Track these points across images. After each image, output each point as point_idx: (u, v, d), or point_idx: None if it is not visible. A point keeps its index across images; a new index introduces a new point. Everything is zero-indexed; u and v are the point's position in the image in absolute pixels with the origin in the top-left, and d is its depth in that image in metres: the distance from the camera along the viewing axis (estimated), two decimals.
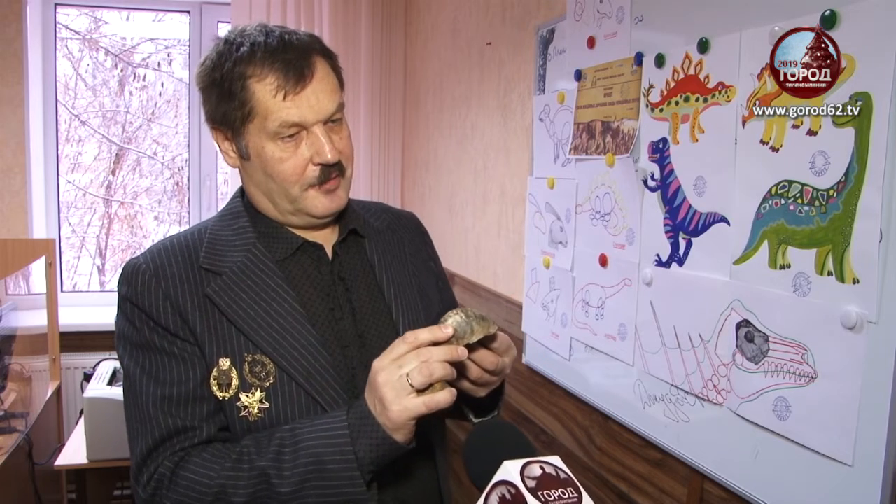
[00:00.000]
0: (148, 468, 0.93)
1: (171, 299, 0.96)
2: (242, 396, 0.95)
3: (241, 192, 1.10)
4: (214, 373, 0.95)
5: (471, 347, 0.92)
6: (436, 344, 0.87)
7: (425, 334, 0.87)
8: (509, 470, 0.75)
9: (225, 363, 0.95)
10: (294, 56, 0.96)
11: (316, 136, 0.97)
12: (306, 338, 0.97)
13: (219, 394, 0.95)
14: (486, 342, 0.94)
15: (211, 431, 0.95)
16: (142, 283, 0.97)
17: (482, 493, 0.77)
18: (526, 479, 0.74)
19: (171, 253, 1.00)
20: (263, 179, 1.00)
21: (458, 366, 0.92)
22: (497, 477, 0.76)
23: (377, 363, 0.88)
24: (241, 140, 1.00)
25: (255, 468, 0.89)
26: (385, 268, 1.10)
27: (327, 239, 1.08)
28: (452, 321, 0.89)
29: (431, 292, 1.17)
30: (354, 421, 0.89)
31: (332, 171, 1.00)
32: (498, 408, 1.13)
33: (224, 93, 0.97)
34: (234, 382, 0.95)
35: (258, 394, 0.95)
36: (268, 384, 0.95)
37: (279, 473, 0.88)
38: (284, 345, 0.96)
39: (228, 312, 0.96)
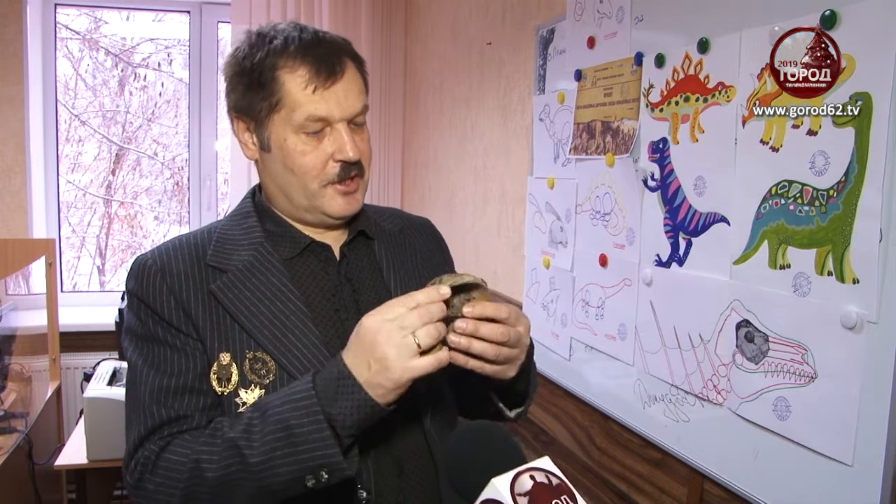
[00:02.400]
0: (137, 456, 0.93)
1: (175, 294, 0.97)
2: (241, 392, 0.95)
3: (252, 193, 1.10)
4: (214, 367, 0.96)
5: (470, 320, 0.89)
6: None
7: (422, 296, 0.86)
8: (498, 489, 0.69)
9: (225, 358, 0.96)
10: (326, 52, 0.97)
11: (339, 132, 0.98)
12: (308, 337, 0.97)
13: (218, 388, 0.95)
14: (487, 312, 0.90)
15: (202, 422, 0.95)
16: (147, 278, 0.98)
17: None
18: (518, 498, 0.71)
19: (179, 250, 1.01)
20: (282, 172, 1.01)
21: (476, 351, 0.89)
22: (485, 495, 0.70)
23: (369, 322, 0.86)
24: (263, 131, 1.00)
25: (227, 440, 0.89)
26: (394, 270, 1.10)
27: (336, 239, 1.08)
28: (442, 278, 0.88)
29: None
30: (329, 382, 0.86)
31: (352, 170, 1.00)
32: (530, 396, 1.09)
33: (253, 82, 0.98)
34: (234, 378, 0.95)
35: (257, 391, 0.95)
36: (267, 381, 0.95)
37: (249, 444, 0.87)
38: (286, 343, 0.96)
39: (231, 309, 0.97)
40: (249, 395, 0.95)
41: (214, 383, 0.96)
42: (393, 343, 0.83)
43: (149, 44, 3.67)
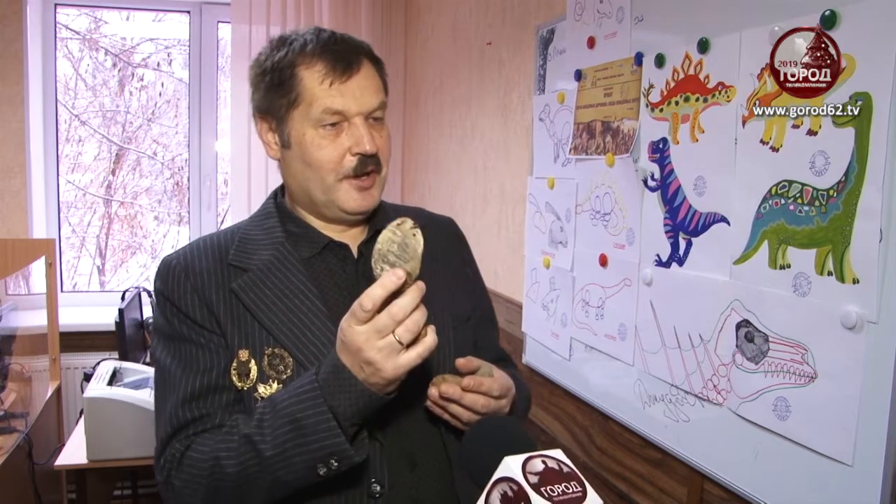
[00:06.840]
0: (165, 454, 0.98)
1: (198, 293, 1.01)
2: (260, 388, 0.98)
3: (274, 195, 1.13)
4: (234, 363, 0.99)
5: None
6: (396, 293, 0.85)
7: (379, 291, 0.84)
8: (510, 466, 0.72)
9: (244, 354, 0.99)
10: (343, 49, 1.01)
11: (356, 126, 1.00)
12: (325, 334, 0.99)
13: (238, 383, 0.99)
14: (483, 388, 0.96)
15: (224, 419, 0.98)
16: (173, 278, 1.02)
17: (483, 490, 0.75)
18: (528, 475, 0.72)
19: (204, 250, 1.05)
20: (301, 168, 1.03)
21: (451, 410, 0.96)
22: (498, 473, 0.73)
23: (348, 332, 0.86)
24: (284, 128, 1.03)
25: (242, 436, 0.92)
26: None
27: (354, 238, 1.10)
28: (387, 257, 0.86)
29: (463, 298, 1.15)
30: (329, 376, 0.88)
31: (369, 164, 1.02)
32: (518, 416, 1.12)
33: (273, 81, 1.02)
34: (253, 374, 0.98)
35: (276, 386, 0.98)
36: (285, 377, 0.98)
37: (262, 438, 0.90)
38: (304, 340, 0.99)
39: (251, 307, 1.00)
40: (268, 390, 0.98)
41: (235, 379, 0.99)
42: (375, 347, 0.85)
43: (149, 44, 3.67)
